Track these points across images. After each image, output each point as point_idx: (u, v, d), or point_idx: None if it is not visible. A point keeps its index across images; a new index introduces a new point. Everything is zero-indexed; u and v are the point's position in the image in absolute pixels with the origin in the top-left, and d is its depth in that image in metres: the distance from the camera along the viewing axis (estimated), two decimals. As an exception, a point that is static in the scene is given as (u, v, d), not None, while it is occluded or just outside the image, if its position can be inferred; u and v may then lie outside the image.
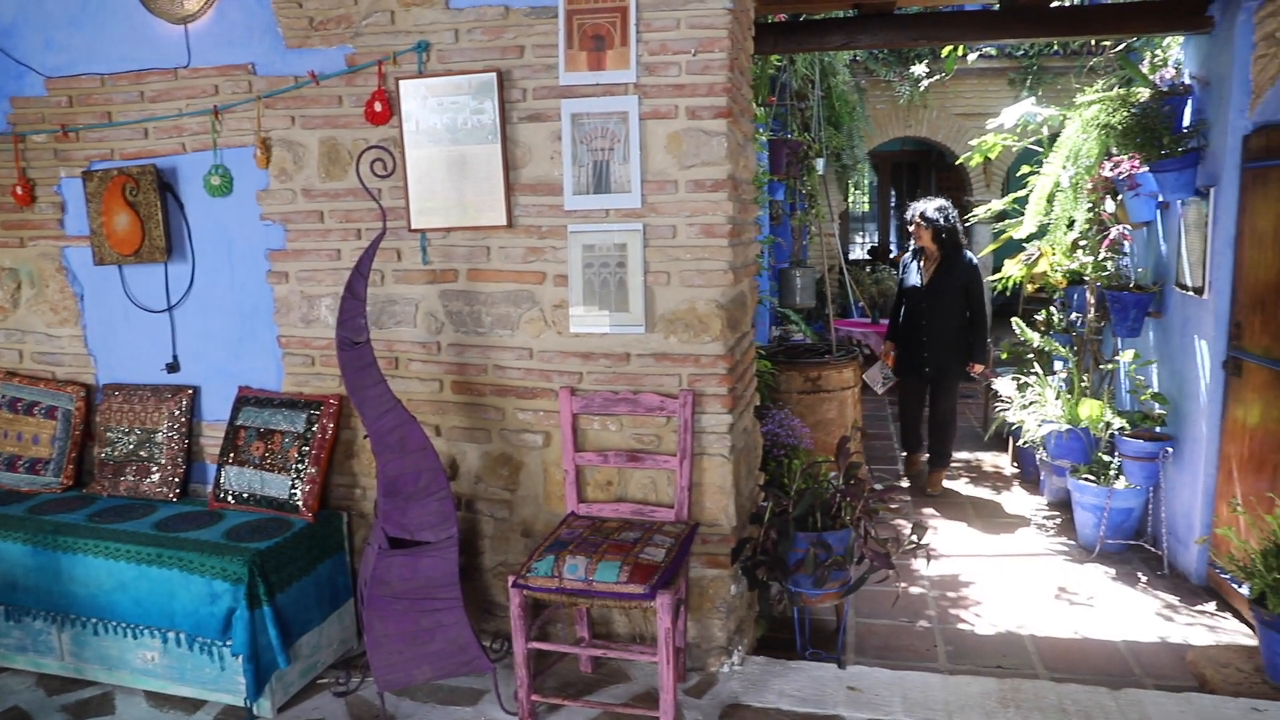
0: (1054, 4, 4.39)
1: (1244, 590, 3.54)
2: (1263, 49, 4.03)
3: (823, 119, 7.58)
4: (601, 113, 3.07)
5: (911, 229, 5.84)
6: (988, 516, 5.50)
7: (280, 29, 3.38)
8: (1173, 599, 4.31)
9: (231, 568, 3.03)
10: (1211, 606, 4.22)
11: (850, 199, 13.41)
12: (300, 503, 3.40)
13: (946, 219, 5.74)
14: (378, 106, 3.30)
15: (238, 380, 3.66)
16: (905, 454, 6.29)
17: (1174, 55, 4.93)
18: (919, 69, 9.13)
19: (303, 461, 3.43)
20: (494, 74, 3.16)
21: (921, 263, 5.86)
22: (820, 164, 7.03)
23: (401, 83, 3.26)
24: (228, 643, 3.06)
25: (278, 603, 3.11)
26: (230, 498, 3.50)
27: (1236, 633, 3.90)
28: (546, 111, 3.14)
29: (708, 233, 3.03)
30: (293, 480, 3.42)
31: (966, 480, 6.27)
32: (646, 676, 3.29)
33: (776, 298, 6.24)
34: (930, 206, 5.76)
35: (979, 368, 5.85)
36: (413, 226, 3.35)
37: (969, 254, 5.85)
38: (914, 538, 3.31)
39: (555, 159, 3.15)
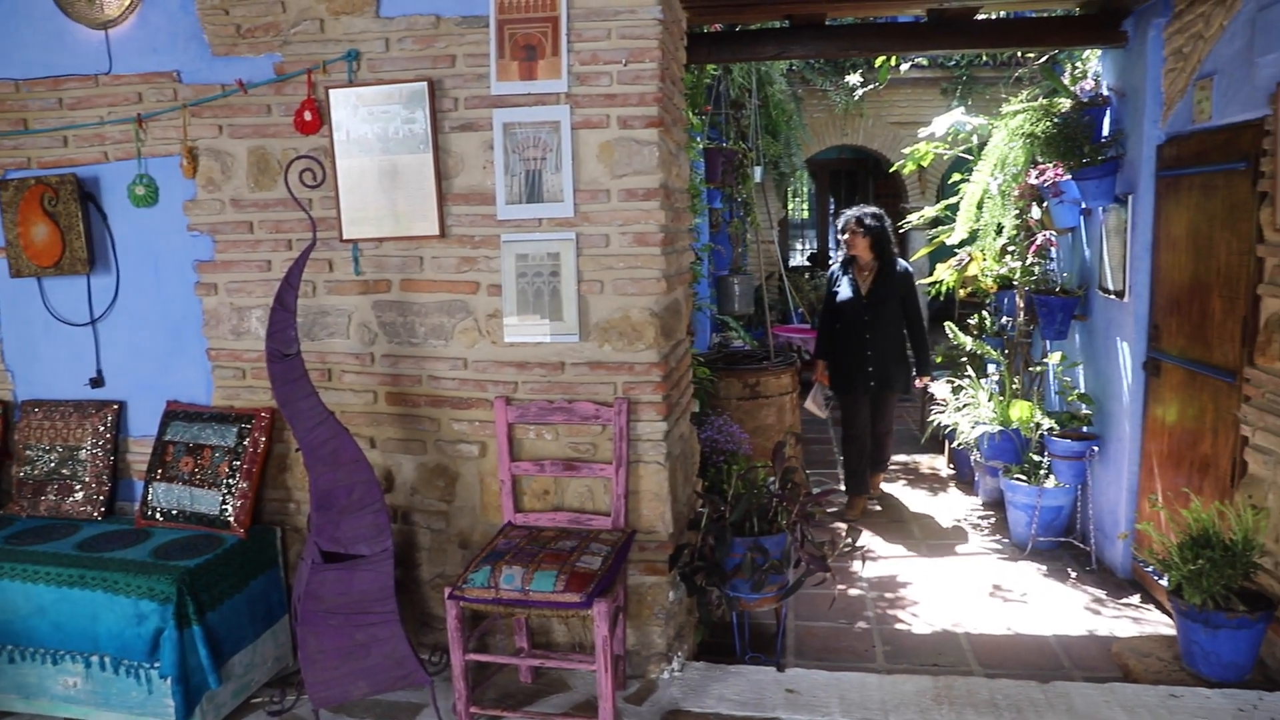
0: (978, 17, 4.50)
1: (1164, 582, 3.66)
2: (1172, 63, 4.19)
3: (760, 127, 7.67)
4: (533, 122, 3.07)
5: (845, 237, 5.58)
6: (925, 518, 5.61)
7: (206, 36, 3.32)
8: (1100, 593, 4.44)
9: (159, 587, 2.96)
10: (1136, 599, 4.36)
11: (790, 206, 13.58)
12: (231, 518, 3.33)
13: (882, 226, 5.56)
14: (307, 116, 3.26)
15: (166, 394, 3.58)
16: (850, 494, 5.73)
17: (1093, 68, 5.09)
18: (854, 78, 9.30)
19: (234, 476, 3.36)
20: (425, 83, 3.14)
21: (855, 273, 5.59)
22: (758, 172, 7.12)
23: (331, 92, 3.23)
24: (155, 665, 2.98)
25: (208, 621, 3.04)
26: (158, 515, 3.41)
27: (1159, 623, 4.04)
28: (479, 121, 3.14)
29: (640, 241, 3.05)
30: (224, 496, 3.35)
31: (904, 483, 6.38)
32: (587, 685, 3.29)
33: (716, 305, 6.28)
34: (866, 213, 5.58)
35: (925, 380, 5.74)
36: (344, 237, 3.31)
37: (902, 261, 5.74)
38: (849, 540, 3.36)
39: (488, 168, 3.14)
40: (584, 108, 3.06)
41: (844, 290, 5.58)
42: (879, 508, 5.77)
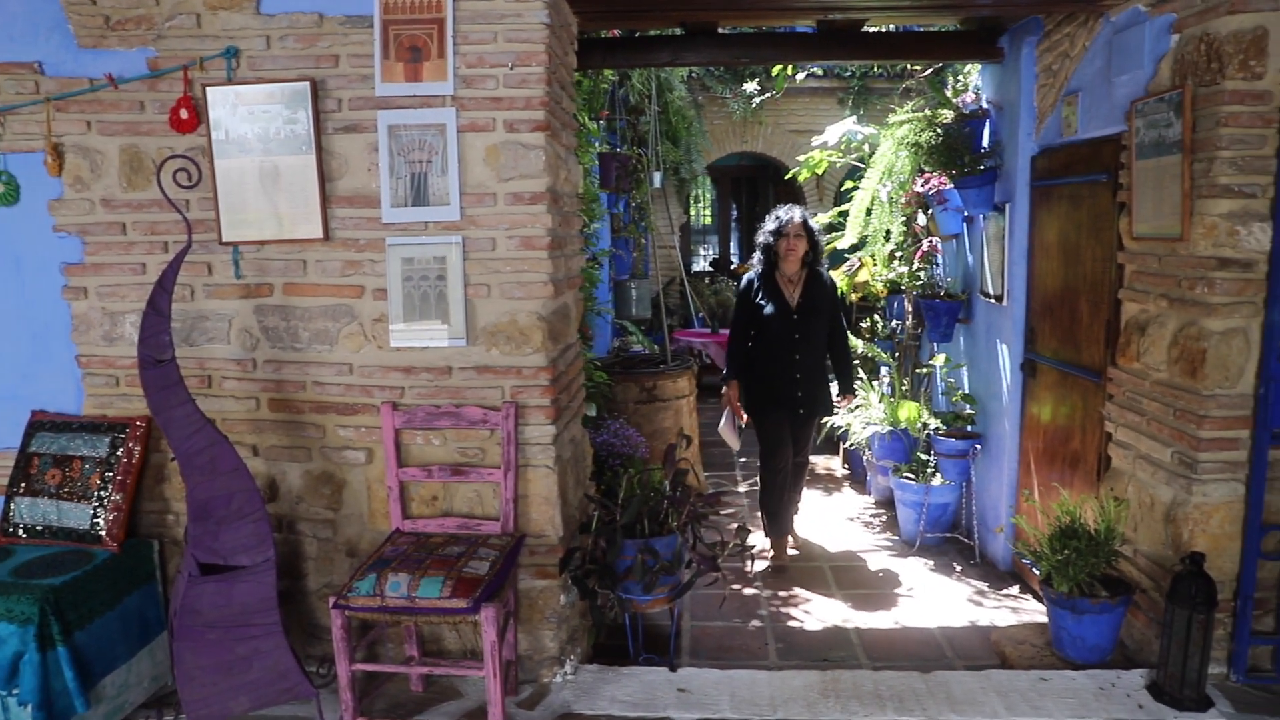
0: (866, 30, 4.65)
1: (1037, 572, 3.84)
2: (1043, 79, 4.40)
3: (660, 133, 7.75)
4: (419, 124, 3.04)
5: (783, 243, 4.71)
6: (820, 517, 5.74)
7: (71, 26, 3.18)
8: (983, 585, 4.62)
9: (19, 608, 2.81)
10: (1016, 589, 4.55)
11: (693, 212, 13.72)
12: (103, 532, 3.19)
13: (815, 232, 4.86)
14: (183, 114, 3.15)
15: (30, 404, 3.40)
16: (772, 537, 4.91)
17: (974, 82, 5.31)
18: (751, 86, 9.46)
19: (106, 488, 3.22)
20: (308, 83, 3.08)
21: (781, 283, 4.80)
22: (657, 178, 7.18)
23: (209, 89, 3.13)
24: (14, 691, 2.82)
25: (75, 642, 2.90)
26: (21, 531, 3.24)
27: (1035, 612, 4.22)
28: (363, 122, 3.09)
29: (527, 245, 3.05)
30: (94, 509, 3.20)
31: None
32: (478, 692, 3.26)
33: (614, 309, 6.32)
34: (806, 214, 4.89)
35: (849, 399, 5.14)
36: (224, 239, 3.21)
37: (825, 270, 5.14)
38: (739, 540, 3.42)
39: (373, 171, 3.10)
40: (470, 111, 3.04)
41: (768, 300, 4.78)
42: (797, 552, 5.06)
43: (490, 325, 3.10)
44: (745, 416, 4.92)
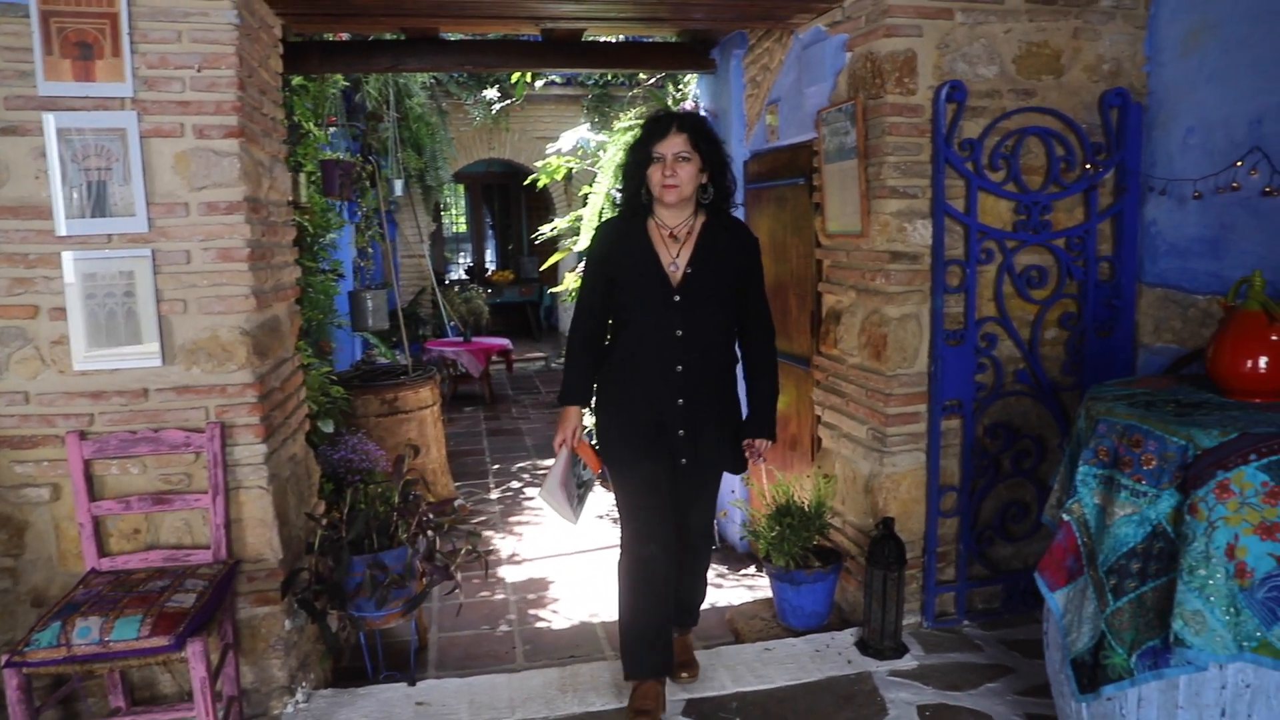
0: (586, 39, 4.78)
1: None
2: (750, 89, 4.72)
3: (401, 140, 7.59)
4: (95, 128, 2.79)
5: (657, 170, 2.80)
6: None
7: None
8: (724, 568, 4.89)
9: None
10: (752, 570, 4.85)
11: (446, 220, 13.55)
12: None
13: (720, 146, 2.92)
14: None
15: None
16: (635, 675, 3.01)
17: (694, 90, 5.61)
18: (492, 93, 9.48)
19: None
20: (-46, 80, 2.75)
21: (657, 236, 2.91)
22: (399, 186, 7.02)
23: None
24: None
25: None
26: None
27: (767, 589, 4.52)
28: (25, 125, 2.79)
29: (225, 257, 2.88)
30: None
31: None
32: (199, 735, 3.04)
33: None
34: (702, 117, 3.17)
35: (765, 444, 3.03)
36: None
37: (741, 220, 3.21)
38: (469, 546, 3.41)
39: (41, 179, 2.81)
40: (154, 115, 2.83)
41: (633, 270, 2.89)
42: (690, 694, 3.21)
43: (189, 343, 2.90)
44: (599, 466, 3.12)
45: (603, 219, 3.34)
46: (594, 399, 3.10)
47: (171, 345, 2.90)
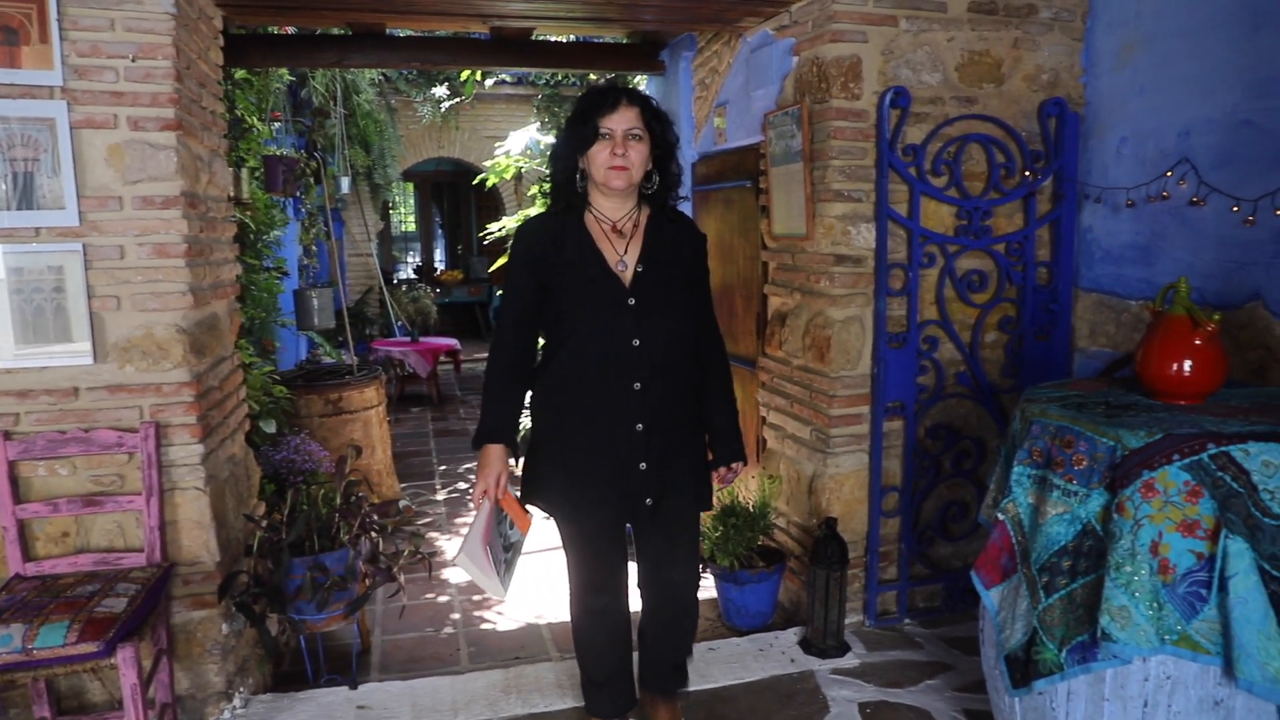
0: (536, 38, 4.76)
1: (709, 551, 4.12)
2: (699, 92, 4.75)
3: (349, 137, 7.48)
4: (21, 118, 2.70)
5: (603, 150, 2.38)
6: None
7: None
8: (669, 568, 4.89)
9: None
10: (705, 572, 4.86)
11: (395, 218, 13.39)
12: None
13: (671, 131, 2.55)
14: None
15: None
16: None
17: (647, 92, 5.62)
18: (441, 91, 9.39)
19: None
20: (-128, 65, 2.64)
21: (598, 231, 2.50)
22: (345, 183, 6.92)
23: None
24: None
25: None
26: None
27: (711, 589, 4.53)
28: (-52, 113, 2.70)
29: (161, 253, 2.82)
30: None
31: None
32: (131, 743, 2.97)
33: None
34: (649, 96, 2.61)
35: (737, 467, 2.71)
36: None
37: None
38: (413, 547, 3.38)
39: (-35, 169, 2.72)
40: (86, 105, 2.75)
41: (574, 272, 2.46)
42: None
43: (123, 340, 2.83)
44: (528, 525, 2.72)
45: (526, 218, 2.99)
46: (536, 432, 2.62)
47: (104, 343, 2.82)
